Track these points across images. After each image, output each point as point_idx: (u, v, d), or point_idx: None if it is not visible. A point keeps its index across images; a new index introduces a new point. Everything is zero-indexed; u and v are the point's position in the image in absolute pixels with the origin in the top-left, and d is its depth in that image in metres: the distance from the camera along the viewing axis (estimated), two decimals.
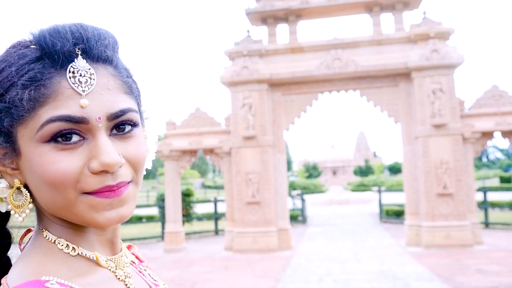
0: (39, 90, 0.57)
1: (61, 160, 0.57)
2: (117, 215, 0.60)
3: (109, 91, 0.60)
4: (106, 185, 0.59)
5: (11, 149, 0.60)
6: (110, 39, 0.63)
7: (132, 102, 0.64)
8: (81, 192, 0.58)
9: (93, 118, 0.58)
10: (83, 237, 0.64)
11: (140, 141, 0.64)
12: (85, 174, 0.58)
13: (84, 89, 0.58)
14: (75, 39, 0.59)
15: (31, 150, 0.58)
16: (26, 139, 0.58)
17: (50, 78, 0.58)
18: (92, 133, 0.59)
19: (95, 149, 0.58)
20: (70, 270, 0.61)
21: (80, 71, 0.58)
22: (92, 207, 0.59)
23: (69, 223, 0.63)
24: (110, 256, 0.67)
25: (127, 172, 0.61)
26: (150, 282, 0.73)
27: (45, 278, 0.57)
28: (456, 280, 7.04)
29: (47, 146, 0.57)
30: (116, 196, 0.59)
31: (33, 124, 0.57)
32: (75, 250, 0.62)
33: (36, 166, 0.58)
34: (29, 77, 0.57)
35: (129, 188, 0.62)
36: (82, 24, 0.61)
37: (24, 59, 0.59)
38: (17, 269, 0.60)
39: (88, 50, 0.60)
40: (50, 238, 0.63)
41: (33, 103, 0.57)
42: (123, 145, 0.61)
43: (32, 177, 0.60)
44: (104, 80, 0.60)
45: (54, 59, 0.58)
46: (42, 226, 0.64)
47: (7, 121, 0.58)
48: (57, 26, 0.60)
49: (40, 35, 0.60)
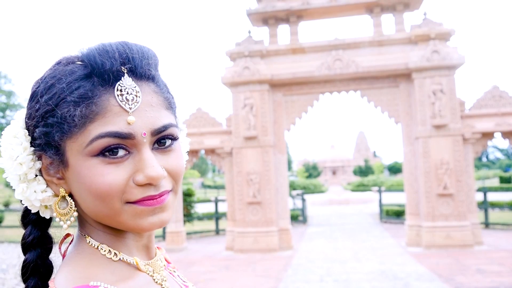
0: (90, 107, 0.61)
1: (109, 173, 0.61)
2: (159, 220, 0.64)
3: (153, 108, 0.64)
4: (149, 195, 0.63)
5: (59, 160, 0.64)
6: (153, 58, 0.67)
7: (172, 118, 0.68)
8: (125, 202, 0.62)
9: (138, 134, 0.62)
10: (123, 243, 0.68)
11: (179, 154, 0.68)
12: (130, 186, 0.62)
13: (131, 107, 0.62)
14: (122, 59, 0.63)
15: (79, 163, 0.62)
16: (75, 152, 0.62)
17: (99, 96, 0.61)
18: (137, 147, 0.63)
19: (140, 163, 0.62)
20: (113, 274, 0.64)
21: (127, 89, 0.62)
22: (136, 215, 0.63)
23: (111, 230, 0.67)
24: (148, 261, 0.71)
25: (167, 182, 0.66)
26: (181, 283, 0.77)
27: (94, 284, 0.61)
28: (457, 280, 7.07)
29: (95, 159, 0.61)
30: (158, 205, 0.64)
31: (82, 139, 0.61)
32: (116, 256, 0.66)
33: (84, 178, 0.62)
34: (80, 94, 0.61)
35: (169, 196, 0.66)
36: (127, 43, 0.64)
37: (73, 75, 0.63)
38: (63, 274, 0.63)
39: (133, 69, 0.64)
40: (93, 244, 0.66)
41: (84, 119, 0.61)
42: (164, 158, 0.65)
43: (78, 187, 0.63)
44: (148, 97, 0.64)
45: (103, 78, 0.62)
46: (84, 232, 0.68)
47: (57, 135, 0.62)
48: (104, 45, 0.63)
49: (90, 54, 0.63)
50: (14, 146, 0.65)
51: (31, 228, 0.69)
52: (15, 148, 0.65)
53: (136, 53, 0.64)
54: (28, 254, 0.67)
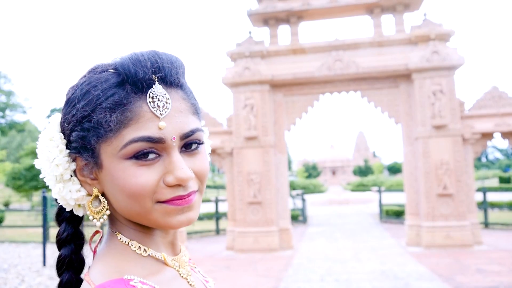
0: (125, 113, 0.65)
1: (141, 175, 0.65)
2: (187, 219, 0.69)
3: (181, 114, 0.69)
4: (178, 195, 0.67)
5: (94, 162, 0.68)
6: (181, 67, 0.72)
7: (198, 123, 0.72)
8: (156, 201, 0.67)
9: (168, 138, 0.66)
10: (151, 240, 0.72)
11: (204, 156, 0.73)
12: (161, 186, 0.66)
13: (162, 113, 0.66)
14: (153, 68, 0.67)
15: (113, 165, 0.66)
16: (109, 155, 0.66)
17: (133, 103, 0.66)
18: (167, 151, 0.67)
19: (170, 165, 0.66)
20: (144, 269, 0.69)
21: (158, 96, 0.67)
22: (166, 213, 0.67)
23: (140, 227, 0.72)
24: (174, 256, 0.75)
25: (194, 183, 0.70)
26: (202, 279, 0.81)
27: (128, 277, 0.65)
28: (457, 279, 7.12)
29: (128, 162, 0.65)
30: (186, 204, 0.68)
31: (117, 143, 0.65)
32: (146, 251, 0.71)
33: (118, 179, 0.66)
34: (114, 101, 0.65)
35: (196, 196, 0.71)
36: (158, 52, 0.69)
37: (107, 83, 0.67)
38: (98, 268, 0.67)
39: (163, 78, 0.68)
40: (124, 240, 0.71)
41: (119, 125, 0.65)
42: (191, 160, 0.70)
43: (112, 188, 0.68)
44: (177, 104, 0.69)
45: (137, 86, 0.66)
46: (115, 230, 0.73)
47: (94, 139, 0.66)
48: (137, 55, 0.68)
49: (124, 63, 0.67)
50: (51, 149, 0.70)
51: (65, 225, 0.74)
52: (51, 150, 0.70)
53: (165, 62, 0.68)
54: (62, 250, 0.72)
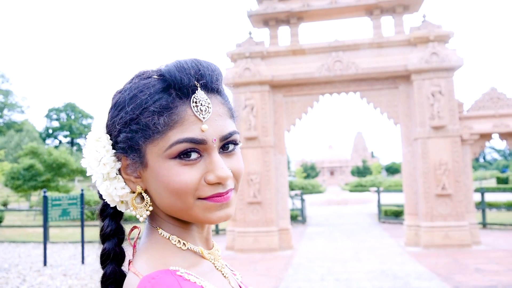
0: (171, 117, 0.71)
1: (184, 173, 0.71)
2: (225, 214, 0.75)
3: (220, 117, 0.75)
4: (218, 192, 0.73)
5: (139, 162, 0.74)
6: (219, 74, 0.78)
7: (234, 125, 0.78)
8: (197, 198, 0.72)
9: (210, 139, 0.72)
10: (189, 234, 0.78)
11: (240, 157, 0.79)
12: (202, 184, 0.72)
13: (204, 116, 0.72)
14: (196, 75, 0.73)
15: (158, 164, 0.72)
16: (155, 155, 0.72)
17: (178, 107, 0.72)
18: (208, 151, 0.73)
19: (211, 164, 0.72)
20: (184, 261, 0.74)
21: (201, 101, 0.73)
22: (206, 209, 0.73)
23: (179, 222, 0.77)
24: (209, 250, 0.81)
25: (231, 181, 0.76)
26: (230, 273, 0.86)
27: (174, 268, 0.70)
28: (455, 279, 7.18)
29: (173, 161, 0.71)
30: (225, 201, 0.74)
31: (162, 144, 0.71)
32: (185, 245, 0.76)
33: (163, 177, 0.71)
34: (161, 105, 0.71)
35: (233, 194, 0.76)
36: (199, 60, 0.75)
37: (153, 88, 0.73)
38: (143, 260, 0.72)
39: (205, 84, 0.74)
40: (165, 234, 0.76)
41: (166, 127, 0.71)
42: (228, 160, 0.76)
43: (156, 185, 0.73)
44: (216, 108, 0.75)
45: (182, 92, 0.72)
46: (155, 225, 0.78)
47: (141, 140, 0.72)
48: (181, 63, 0.73)
49: (170, 70, 0.73)
50: (98, 149, 0.75)
51: (108, 220, 0.79)
52: (99, 150, 0.75)
53: (206, 69, 0.74)
54: (106, 243, 0.77)
